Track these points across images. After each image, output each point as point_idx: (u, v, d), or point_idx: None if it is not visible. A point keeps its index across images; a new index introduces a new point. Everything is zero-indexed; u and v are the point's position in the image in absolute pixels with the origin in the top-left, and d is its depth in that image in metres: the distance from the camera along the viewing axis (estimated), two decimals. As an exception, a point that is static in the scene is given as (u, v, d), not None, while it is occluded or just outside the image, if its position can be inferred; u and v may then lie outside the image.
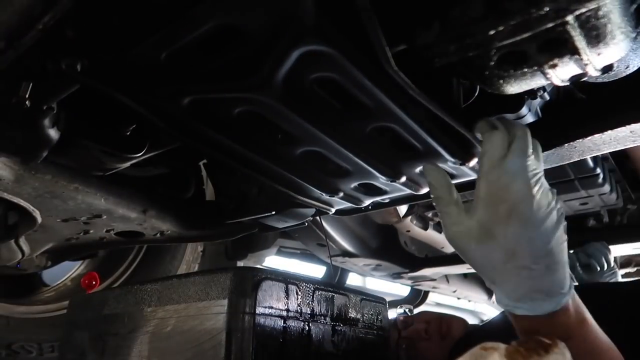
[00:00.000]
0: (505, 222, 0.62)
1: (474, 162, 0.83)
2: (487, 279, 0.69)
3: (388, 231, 2.11)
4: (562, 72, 0.62)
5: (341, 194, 1.02)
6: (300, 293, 0.98)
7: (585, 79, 0.65)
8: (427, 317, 1.47)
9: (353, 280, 3.17)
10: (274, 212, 1.19)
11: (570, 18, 0.52)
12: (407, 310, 1.79)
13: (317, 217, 1.59)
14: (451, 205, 0.68)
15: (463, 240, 0.67)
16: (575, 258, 1.85)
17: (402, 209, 1.79)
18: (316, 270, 2.93)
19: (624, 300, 1.08)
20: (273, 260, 2.91)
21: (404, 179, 0.92)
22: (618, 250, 1.97)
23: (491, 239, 0.63)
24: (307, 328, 0.97)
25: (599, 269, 1.78)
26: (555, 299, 0.66)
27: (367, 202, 1.10)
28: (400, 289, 3.29)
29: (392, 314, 1.52)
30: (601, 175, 1.60)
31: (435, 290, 3.02)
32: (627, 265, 2.41)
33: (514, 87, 0.67)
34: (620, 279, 1.85)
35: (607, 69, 0.63)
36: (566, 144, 0.88)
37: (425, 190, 0.99)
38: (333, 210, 1.16)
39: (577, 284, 2.30)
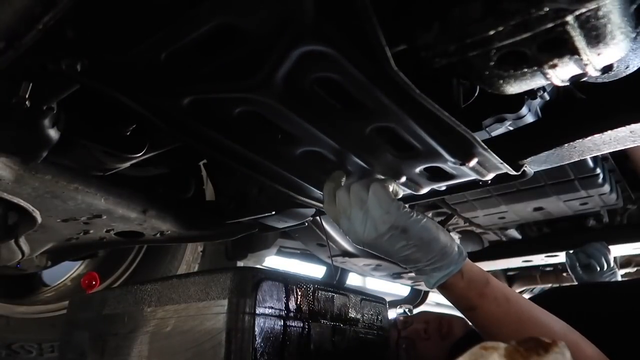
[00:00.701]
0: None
1: (474, 162, 0.83)
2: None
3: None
4: (562, 72, 0.62)
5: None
6: (300, 293, 0.98)
7: (585, 79, 0.65)
8: (427, 317, 1.47)
9: (353, 280, 3.17)
10: (274, 212, 1.19)
11: (570, 18, 0.52)
12: (406, 310, 1.78)
13: (317, 217, 1.59)
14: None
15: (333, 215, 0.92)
16: (575, 258, 1.85)
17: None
18: (316, 270, 2.93)
19: (622, 299, 1.08)
20: (273, 260, 2.91)
21: (403, 179, 0.92)
22: (618, 250, 1.97)
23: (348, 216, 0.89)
24: (307, 328, 0.97)
25: (598, 269, 1.78)
26: (435, 273, 0.85)
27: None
28: (400, 289, 3.29)
29: (392, 314, 1.52)
30: (601, 175, 1.60)
31: (435, 290, 3.02)
32: (627, 265, 2.42)
33: (514, 87, 0.67)
34: (620, 279, 1.85)
35: (607, 69, 0.63)
36: (566, 144, 0.88)
37: (425, 190, 0.99)
38: (333, 210, 1.16)
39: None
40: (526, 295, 3.06)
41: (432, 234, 0.84)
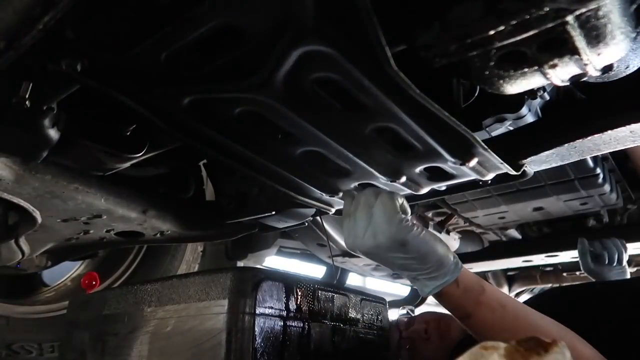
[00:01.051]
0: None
1: (474, 162, 0.83)
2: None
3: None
4: (562, 72, 0.62)
5: (341, 194, 1.02)
6: (300, 293, 0.98)
7: (585, 79, 0.65)
8: (427, 317, 1.47)
9: (353, 280, 3.17)
10: (274, 212, 1.19)
11: (570, 18, 0.52)
12: (409, 311, 1.78)
13: (317, 217, 1.59)
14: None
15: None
16: (588, 245, 1.80)
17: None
18: (316, 270, 2.93)
19: (616, 299, 1.09)
20: (273, 260, 2.91)
21: (403, 179, 0.92)
22: (618, 250, 1.97)
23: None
24: (307, 328, 0.97)
25: (607, 261, 1.75)
26: (430, 282, 0.86)
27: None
28: (400, 289, 3.29)
29: (395, 314, 1.52)
30: (601, 175, 1.60)
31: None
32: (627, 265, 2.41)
33: (514, 87, 0.67)
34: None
35: (607, 69, 0.63)
36: (566, 144, 0.88)
37: (425, 190, 0.99)
38: (333, 210, 1.16)
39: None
40: (526, 295, 3.06)
41: (429, 247, 0.85)
